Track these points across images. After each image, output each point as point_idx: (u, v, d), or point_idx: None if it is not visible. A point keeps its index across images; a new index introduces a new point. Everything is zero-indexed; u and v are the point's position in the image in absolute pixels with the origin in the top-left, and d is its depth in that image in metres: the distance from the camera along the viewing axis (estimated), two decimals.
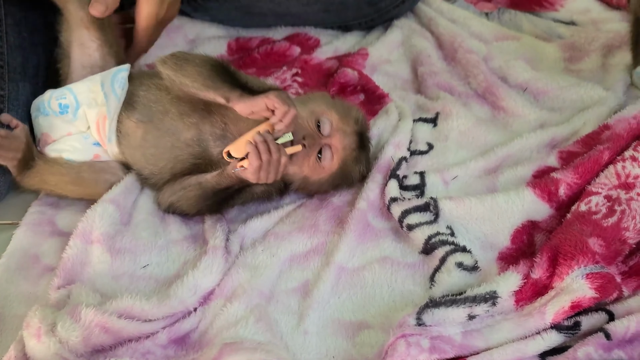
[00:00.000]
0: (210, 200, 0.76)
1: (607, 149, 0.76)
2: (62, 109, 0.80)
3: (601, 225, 0.69)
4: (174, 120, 0.76)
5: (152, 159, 0.77)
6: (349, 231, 0.75)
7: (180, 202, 0.77)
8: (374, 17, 1.09)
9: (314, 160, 0.76)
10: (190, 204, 0.76)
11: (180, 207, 0.77)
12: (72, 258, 0.71)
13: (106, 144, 0.79)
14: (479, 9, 1.18)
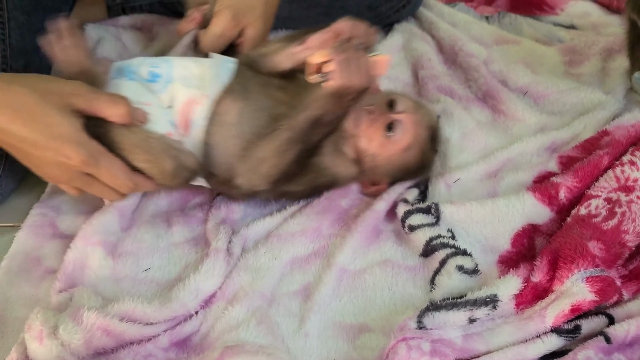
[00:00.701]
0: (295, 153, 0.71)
1: (606, 154, 0.77)
2: (152, 77, 0.75)
3: (601, 229, 0.69)
4: (267, 98, 0.75)
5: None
6: (355, 233, 0.74)
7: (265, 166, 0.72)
8: (374, 21, 1.08)
9: (383, 134, 0.75)
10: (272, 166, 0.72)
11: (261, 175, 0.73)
12: (72, 262, 0.71)
13: (189, 128, 0.73)
14: (479, 13, 1.18)
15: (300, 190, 0.77)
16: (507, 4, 1.21)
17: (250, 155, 0.72)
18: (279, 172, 0.72)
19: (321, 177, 0.76)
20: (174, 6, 1.13)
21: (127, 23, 1.11)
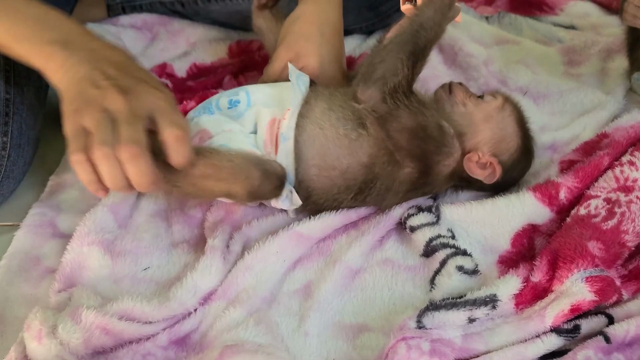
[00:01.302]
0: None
1: (607, 155, 0.77)
2: (231, 105, 0.76)
3: (600, 229, 0.69)
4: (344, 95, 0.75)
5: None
6: (367, 235, 0.74)
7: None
8: (374, 21, 1.10)
9: (475, 97, 0.76)
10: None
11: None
12: (70, 263, 0.71)
13: (277, 144, 0.73)
14: (479, 13, 1.18)
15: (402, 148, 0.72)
16: (507, 4, 1.22)
17: (366, 68, 0.71)
18: (393, 76, 0.70)
19: (429, 117, 0.72)
20: (174, 5, 1.13)
21: (127, 23, 1.11)
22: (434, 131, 0.71)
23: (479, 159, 0.73)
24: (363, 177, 0.72)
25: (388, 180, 0.72)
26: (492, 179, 0.74)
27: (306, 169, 0.72)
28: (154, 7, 1.13)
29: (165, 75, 1.03)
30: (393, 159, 0.71)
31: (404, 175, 0.72)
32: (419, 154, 0.71)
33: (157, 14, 1.13)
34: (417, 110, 0.71)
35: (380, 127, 0.71)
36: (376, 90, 0.70)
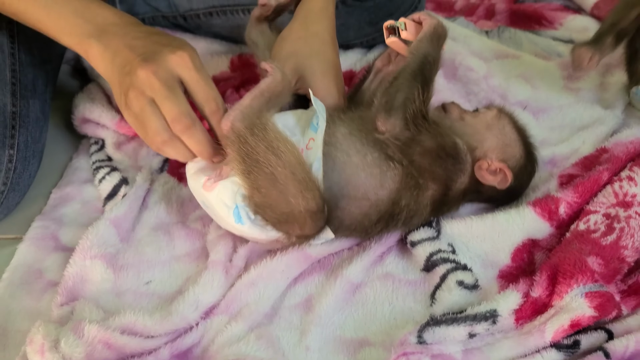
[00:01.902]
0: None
1: (606, 170, 0.77)
2: None
3: (600, 244, 0.70)
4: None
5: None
6: (370, 250, 0.74)
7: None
8: (375, 35, 1.10)
9: (469, 111, 0.78)
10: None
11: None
12: (72, 276, 0.71)
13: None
14: (479, 27, 1.19)
15: (427, 150, 0.72)
16: (507, 18, 1.22)
17: (384, 98, 0.72)
18: (411, 103, 0.71)
19: (445, 136, 0.73)
20: (176, 19, 1.14)
21: None
22: (452, 150, 0.73)
23: (489, 165, 0.74)
24: (392, 208, 0.72)
25: (414, 206, 0.72)
26: (505, 184, 0.74)
27: (336, 199, 0.70)
28: (156, 20, 1.14)
29: None
30: (417, 184, 0.72)
31: (427, 197, 0.73)
32: (440, 174, 0.72)
33: (159, 28, 1.14)
34: (436, 131, 0.72)
35: (404, 154, 0.71)
36: (398, 118, 0.71)
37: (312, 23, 0.81)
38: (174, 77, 0.68)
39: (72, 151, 0.95)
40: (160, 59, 0.68)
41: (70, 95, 1.00)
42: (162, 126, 0.68)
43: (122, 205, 0.79)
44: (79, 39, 0.73)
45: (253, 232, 0.70)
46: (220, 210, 0.70)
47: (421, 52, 0.74)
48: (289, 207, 0.66)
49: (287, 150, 0.66)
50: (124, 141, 0.93)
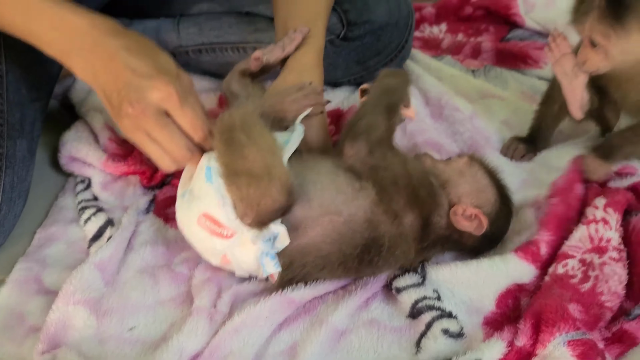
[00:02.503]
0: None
1: (559, 202, 0.80)
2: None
3: (579, 291, 0.71)
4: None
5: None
6: (354, 296, 0.74)
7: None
8: (362, 74, 1.12)
9: (441, 161, 0.81)
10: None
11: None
12: (55, 323, 0.70)
13: None
14: (465, 66, 1.21)
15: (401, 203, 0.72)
16: (493, 57, 1.25)
17: (349, 126, 0.77)
18: (374, 129, 0.75)
19: (414, 167, 0.76)
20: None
21: None
22: (422, 179, 0.75)
23: (464, 211, 0.74)
24: (370, 233, 0.71)
25: (395, 236, 0.72)
26: (481, 230, 0.74)
27: (304, 211, 0.70)
28: None
29: None
30: (393, 209, 0.72)
31: (408, 226, 0.73)
32: (415, 200, 0.73)
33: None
34: (403, 159, 0.75)
35: (374, 180, 0.73)
36: (362, 142, 0.75)
37: (307, 77, 0.83)
38: (162, 113, 0.71)
39: (58, 189, 0.94)
40: (144, 98, 0.70)
41: (58, 130, 1.00)
42: (165, 157, 0.73)
43: (107, 248, 0.79)
44: (59, 54, 0.75)
45: (214, 197, 0.69)
46: (195, 179, 0.72)
47: (383, 83, 0.80)
48: (254, 180, 0.67)
49: (262, 136, 0.69)
50: (111, 180, 0.92)
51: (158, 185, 0.92)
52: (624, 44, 0.79)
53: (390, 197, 0.72)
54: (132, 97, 0.70)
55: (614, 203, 0.80)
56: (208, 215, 0.70)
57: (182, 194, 0.75)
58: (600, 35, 0.79)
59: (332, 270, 0.73)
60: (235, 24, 1.10)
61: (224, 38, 1.10)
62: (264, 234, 0.69)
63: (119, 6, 1.13)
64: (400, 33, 1.08)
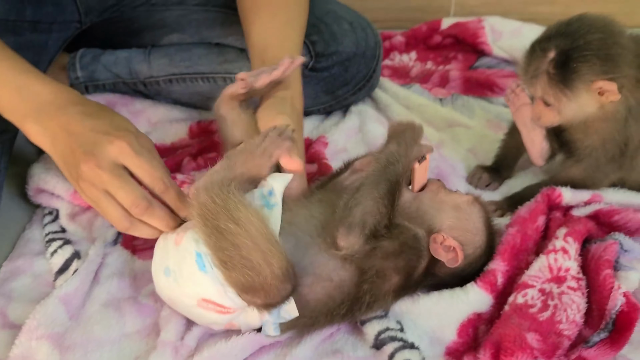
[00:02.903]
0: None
1: (517, 232, 0.81)
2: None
3: (537, 320, 0.72)
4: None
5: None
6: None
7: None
8: (332, 103, 1.14)
9: (448, 190, 0.79)
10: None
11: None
12: (18, 358, 0.70)
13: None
14: (433, 95, 1.23)
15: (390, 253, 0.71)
16: (460, 86, 1.27)
17: (344, 212, 0.70)
18: (371, 217, 0.70)
19: (406, 232, 0.73)
20: (137, 85, 1.15)
21: None
22: (413, 243, 0.73)
23: (443, 240, 0.74)
24: (355, 293, 0.71)
25: (377, 293, 0.72)
26: (454, 264, 0.74)
27: (300, 278, 0.69)
28: (117, 86, 1.16)
29: None
30: (381, 274, 0.71)
31: (391, 285, 0.73)
32: (403, 266, 0.73)
33: (119, 94, 1.15)
34: (397, 234, 0.72)
35: (365, 259, 0.71)
36: (357, 235, 0.69)
37: (298, 104, 0.85)
38: (118, 166, 0.71)
39: (26, 221, 0.94)
40: (100, 152, 0.71)
41: (26, 162, 1.00)
42: (121, 214, 0.72)
43: (72, 281, 0.79)
44: (18, 118, 0.76)
45: (213, 286, 0.67)
46: (183, 264, 0.68)
47: (384, 155, 0.74)
48: (253, 272, 0.65)
49: (249, 220, 0.65)
50: (79, 212, 0.93)
51: None
52: (574, 104, 0.83)
53: (380, 269, 0.71)
54: (88, 153, 0.71)
55: (574, 232, 0.82)
56: (209, 300, 0.69)
57: (165, 272, 0.71)
58: (552, 97, 0.83)
59: (318, 327, 0.73)
60: (205, 54, 1.12)
61: (194, 68, 1.12)
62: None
63: (91, 37, 1.15)
64: (367, 63, 1.10)
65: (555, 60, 0.80)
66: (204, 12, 1.12)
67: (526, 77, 0.85)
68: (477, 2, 1.58)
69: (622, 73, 0.80)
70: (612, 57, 0.80)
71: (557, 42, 0.80)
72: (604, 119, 0.85)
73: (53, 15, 1.08)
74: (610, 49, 0.80)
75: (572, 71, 0.80)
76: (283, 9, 0.92)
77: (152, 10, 1.14)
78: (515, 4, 1.59)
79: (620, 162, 0.88)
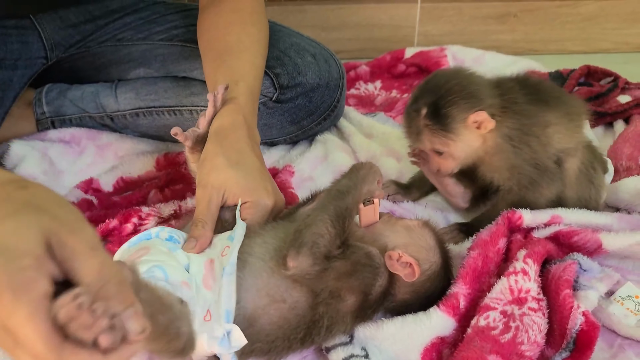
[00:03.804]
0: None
1: (478, 255, 0.83)
2: (171, 239, 0.75)
3: (499, 342, 0.73)
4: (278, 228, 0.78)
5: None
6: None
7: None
8: (297, 133, 1.15)
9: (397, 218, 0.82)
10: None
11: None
12: None
13: (222, 277, 0.70)
14: (398, 122, 1.25)
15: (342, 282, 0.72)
16: None
17: (294, 235, 0.72)
18: (320, 237, 0.71)
19: (358, 251, 0.74)
20: (103, 119, 1.16)
21: (56, 137, 1.13)
22: (366, 261, 0.74)
23: (399, 257, 0.75)
24: (310, 316, 0.71)
25: (334, 315, 0.72)
26: (412, 277, 0.75)
27: (254, 301, 0.70)
28: (83, 120, 1.16)
29: (91, 190, 1.04)
30: (335, 295, 0.72)
31: (348, 306, 0.73)
32: (358, 285, 0.73)
33: (86, 128, 1.16)
34: (349, 254, 0.73)
35: (317, 280, 0.72)
36: (305, 255, 0.71)
37: (225, 140, 0.83)
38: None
39: None
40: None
41: None
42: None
43: None
44: None
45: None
46: None
47: (335, 185, 0.79)
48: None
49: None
50: None
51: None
52: (460, 143, 0.90)
53: (334, 289, 0.72)
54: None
55: (534, 254, 0.84)
56: None
57: None
58: (439, 145, 0.91)
59: (276, 354, 0.73)
60: (171, 88, 1.13)
61: (160, 102, 1.13)
62: (215, 338, 0.67)
63: (57, 71, 1.16)
64: (331, 94, 1.13)
65: (428, 114, 0.88)
66: (169, 46, 1.14)
67: (412, 138, 0.93)
68: (439, 31, 1.63)
69: (486, 103, 0.88)
70: (472, 94, 0.89)
71: (424, 100, 0.90)
72: (493, 153, 0.92)
73: (19, 52, 1.09)
74: (468, 88, 0.89)
75: (445, 116, 0.88)
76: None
77: (118, 45, 1.16)
78: (477, 33, 1.64)
79: (546, 179, 0.93)
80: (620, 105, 1.23)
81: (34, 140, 1.11)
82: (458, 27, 1.63)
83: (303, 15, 1.58)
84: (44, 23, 1.12)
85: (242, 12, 0.99)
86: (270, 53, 1.05)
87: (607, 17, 1.64)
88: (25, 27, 1.11)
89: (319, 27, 1.58)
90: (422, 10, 1.60)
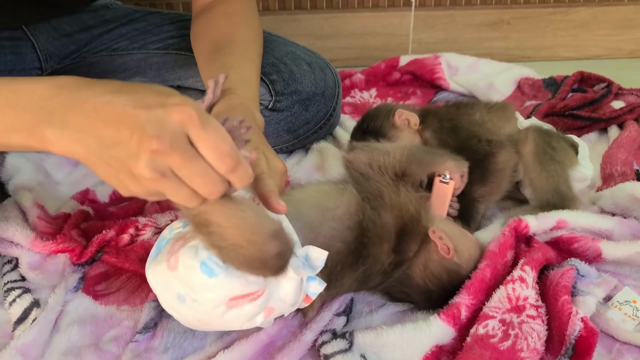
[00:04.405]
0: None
1: (487, 267, 0.82)
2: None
3: (498, 349, 0.73)
4: None
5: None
6: None
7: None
8: (293, 142, 1.15)
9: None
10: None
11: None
12: None
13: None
14: None
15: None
16: None
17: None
18: (389, 155, 0.87)
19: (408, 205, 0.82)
20: None
21: None
22: (413, 211, 0.82)
23: (441, 238, 0.81)
24: (356, 230, 0.78)
25: (374, 235, 0.78)
26: (444, 254, 0.81)
27: (312, 227, 0.76)
28: None
29: (88, 201, 1.04)
30: (375, 205, 0.80)
31: (385, 223, 0.79)
32: (398, 215, 0.81)
33: None
34: (403, 194, 0.82)
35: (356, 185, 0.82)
36: (364, 151, 0.88)
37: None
38: (188, 140, 0.56)
39: None
40: (164, 127, 0.54)
41: None
42: (190, 193, 0.57)
43: (30, 331, 0.77)
44: (27, 133, 0.58)
45: (231, 282, 0.65)
46: (192, 280, 0.66)
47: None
48: (256, 252, 0.63)
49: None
50: (39, 260, 0.91)
51: (88, 262, 0.92)
52: (401, 142, 1.02)
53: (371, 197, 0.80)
54: (149, 137, 0.53)
55: (532, 261, 0.84)
56: (235, 296, 0.67)
57: (179, 300, 0.68)
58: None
59: (336, 280, 0.78)
60: None
61: None
62: (296, 263, 0.67)
63: None
64: (327, 102, 1.13)
65: (365, 132, 1.03)
66: (164, 55, 1.14)
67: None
68: (433, 39, 1.64)
69: (398, 106, 1.06)
70: (388, 107, 1.06)
71: (361, 125, 1.06)
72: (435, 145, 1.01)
73: (12, 63, 1.09)
74: (384, 107, 1.07)
75: (375, 127, 1.03)
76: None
77: (113, 55, 1.16)
78: (470, 41, 1.65)
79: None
80: (614, 111, 1.24)
81: (30, 152, 1.11)
82: (452, 34, 1.64)
83: (297, 24, 1.58)
84: (37, 34, 1.12)
85: (233, 15, 0.99)
86: (266, 60, 1.05)
87: (599, 24, 1.65)
88: (19, 38, 1.10)
89: (313, 36, 1.59)
90: (416, 19, 1.61)
